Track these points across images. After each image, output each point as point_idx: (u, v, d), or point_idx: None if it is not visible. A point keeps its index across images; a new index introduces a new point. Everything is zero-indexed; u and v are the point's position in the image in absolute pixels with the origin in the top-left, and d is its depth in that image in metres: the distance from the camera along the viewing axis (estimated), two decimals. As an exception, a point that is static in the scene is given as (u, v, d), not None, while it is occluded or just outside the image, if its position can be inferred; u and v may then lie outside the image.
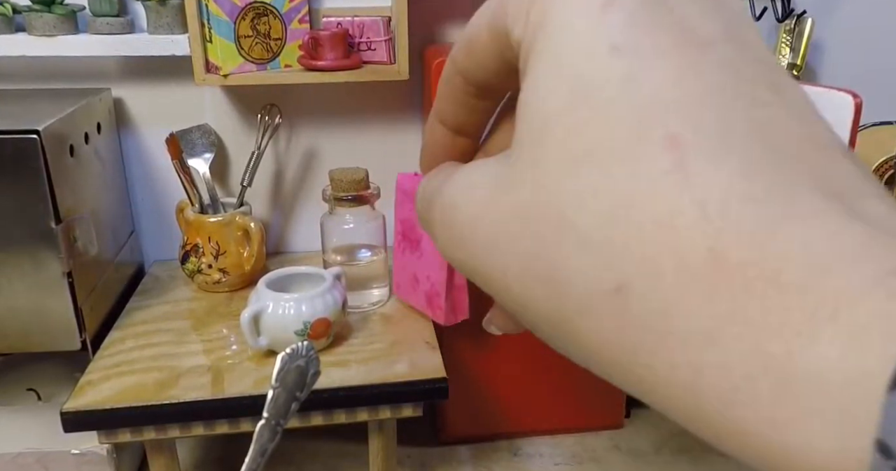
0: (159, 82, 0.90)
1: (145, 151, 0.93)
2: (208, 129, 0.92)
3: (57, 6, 0.80)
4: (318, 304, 0.71)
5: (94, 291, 0.77)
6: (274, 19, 0.84)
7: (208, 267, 0.85)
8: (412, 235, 0.79)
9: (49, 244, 0.69)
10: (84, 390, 0.68)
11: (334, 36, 0.82)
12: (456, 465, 0.88)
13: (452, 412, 0.90)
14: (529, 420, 0.93)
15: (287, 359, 0.38)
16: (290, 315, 0.70)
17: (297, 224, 1.00)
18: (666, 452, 0.92)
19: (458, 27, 0.93)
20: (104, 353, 0.74)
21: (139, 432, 0.68)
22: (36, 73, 0.88)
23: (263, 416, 0.37)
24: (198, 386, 0.68)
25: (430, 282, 0.78)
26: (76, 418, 0.65)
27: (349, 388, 0.69)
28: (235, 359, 0.73)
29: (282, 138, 0.95)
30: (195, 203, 0.86)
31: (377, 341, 0.77)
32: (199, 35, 0.79)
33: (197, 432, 0.69)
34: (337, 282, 0.75)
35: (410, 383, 0.70)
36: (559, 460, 0.90)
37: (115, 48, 0.82)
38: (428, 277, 0.78)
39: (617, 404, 0.95)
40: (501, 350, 0.89)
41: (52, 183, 0.68)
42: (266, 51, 0.84)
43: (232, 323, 0.81)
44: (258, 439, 0.36)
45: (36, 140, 0.66)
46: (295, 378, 0.37)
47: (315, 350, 0.39)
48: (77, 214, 0.73)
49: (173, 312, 0.83)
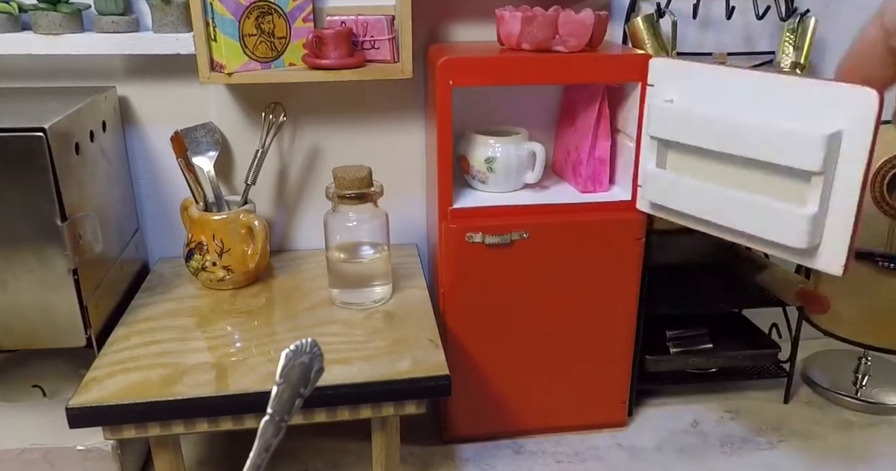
0: (164, 80, 0.91)
1: (150, 149, 0.94)
2: (213, 127, 0.92)
3: (62, 5, 0.80)
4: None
5: (100, 288, 0.78)
6: (278, 18, 0.84)
7: (212, 264, 0.85)
8: (571, 113, 0.90)
9: (55, 241, 0.69)
10: (89, 386, 0.68)
11: (338, 34, 0.82)
12: (459, 463, 0.89)
13: (456, 411, 0.90)
14: (532, 418, 0.94)
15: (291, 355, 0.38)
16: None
17: (301, 222, 1.00)
18: (667, 450, 0.92)
19: (461, 26, 0.93)
20: (109, 349, 0.74)
21: (144, 428, 0.68)
22: (41, 72, 0.88)
23: (267, 412, 0.37)
24: (202, 383, 0.69)
25: (577, 152, 0.88)
26: (81, 414, 0.66)
27: (352, 385, 0.69)
28: (239, 356, 0.74)
29: (286, 136, 0.95)
30: (199, 201, 0.87)
31: (380, 339, 0.77)
32: (203, 34, 0.79)
33: (201, 429, 0.69)
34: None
35: (413, 380, 0.70)
36: (561, 458, 0.91)
37: (120, 46, 0.82)
38: (576, 148, 0.89)
39: (619, 403, 0.95)
40: (505, 349, 0.89)
41: (57, 181, 0.68)
42: (270, 49, 0.84)
43: (236, 320, 0.81)
44: (262, 435, 0.37)
45: (42, 138, 0.66)
46: (299, 374, 0.38)
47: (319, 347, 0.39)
48: (83, 211, 0.74)
49: (178, 309, 0.83)
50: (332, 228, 0.82)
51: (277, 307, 0.84)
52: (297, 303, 0.85)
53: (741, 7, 0.91)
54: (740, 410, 1.00)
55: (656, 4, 0.91)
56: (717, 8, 0.94)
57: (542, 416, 0.94)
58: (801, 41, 0.90)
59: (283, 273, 0.93)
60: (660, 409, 1.01)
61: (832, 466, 0.90)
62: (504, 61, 0.79)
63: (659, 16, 0.90)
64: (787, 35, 0.91)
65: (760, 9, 0.89)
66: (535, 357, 0.90)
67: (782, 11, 0.91)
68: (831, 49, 0.99)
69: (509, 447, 0.92)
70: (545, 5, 0.80)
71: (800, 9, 0.92)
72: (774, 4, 0.91)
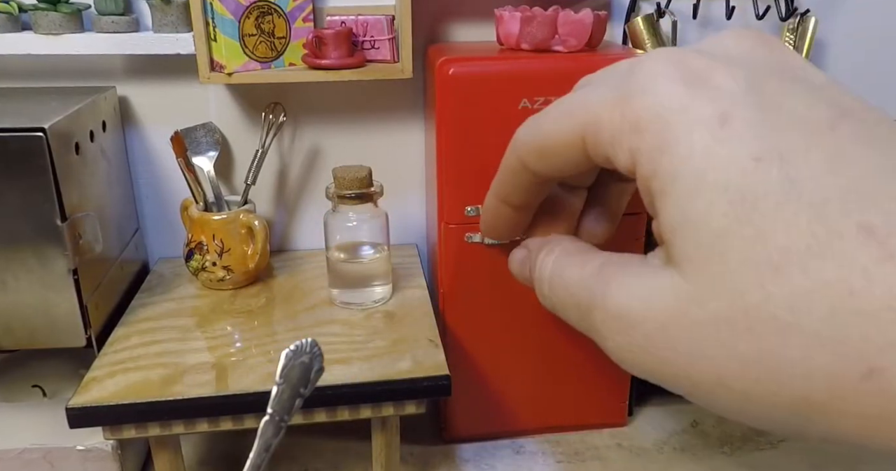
0: (164, 80, 0.91)
1: (150, 149, 0.94)
2: (213, 127, 0.93)
3: (62, 5, 0.81)
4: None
5: (100, 289, 0.78)
6: (278, 18, 0.84)
7: (212, 264, 0.85)
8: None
9: (54, 242, 0.69)
10: (89, 386, 0.68)
11: (338, 34, 0.82)
12: (459, 463, 0.89)
13: (456, 411, 0.90)
14: (532, 419, 0.94)
15: (291, 355, 0.38)
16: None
17: (301, 222, 1.00)
18: (668, 450, 0.92)
19: (461, 26, 0.93)
20: (109, 349, 0.74)
21: (144, 428, 0.68)
22: (41, 72, 0.88)
23: (267, 412, 0.37)
24: (202, 383, 0.69)
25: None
26: (81, 414, 0.66)
27: (352, 385, 0.69)
28: (239, 356, 0.74)
29: (286, 136, 0.95)
30: (199, 201, 0.87)
31: (380, 339, 0.77)
32: (203, 34, 0.79)
33: (201, 429, 0.69)
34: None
35: (413, 380, 0.71)
36: (561, 458, 0.91)
37: (120, 46, 0.82)
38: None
39: (619, 403, 0.95)
40: (505, 349, 0.89)
41: (57, 181, 0.68)
42: (270, 49, 0.84)
43: (236, 320, 0.81)
44: (262, 435, 0.37)
45: (42, 138, 0.66)
46: (299, 374, 0.38)
47: (319, 347, 0.39)
48: (82, 211, 0.74)
49: (178, 310, 0.83)
50: (332, 228, 0.82)
51: (277, 307, 0.84)
52: (297, 303, 0.85)
53: (741, 7, 0.91)
54: (740, 410, 1.00)
55: (656, 4, 0.91)
56: (717, 8, 0.94)
57: (542, 416, 0.94)
58: (800, 42, 0.90)
59: (283, 273, 0.93)
60: (660, 409, 1.01)
61: (833, 466, 0.90)
62: (503, 61, 0.79)
63: (659, 16, 0.90)
64: (786, 35, 0.91)
65: (760, 9, 0.89)
66: (535, 357, 0.90)
67: (782, 11, 0.91)
68: (831, 49, 0.99)
69: (509, 447, 0.92)
70: (544, 5, 0.80)
71: (800, 9, 0.92)
72: (774, 4, 0.91)
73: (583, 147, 0.22)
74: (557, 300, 0.26)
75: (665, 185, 0.20)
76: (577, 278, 0.25)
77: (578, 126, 0.22)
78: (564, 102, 0.23)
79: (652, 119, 0.19)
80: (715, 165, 0.18)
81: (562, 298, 0.25)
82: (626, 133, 0.20)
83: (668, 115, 0.19)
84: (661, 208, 0.20)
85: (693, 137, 0.19)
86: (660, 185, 0.20)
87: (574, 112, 0.22)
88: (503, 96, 0.74)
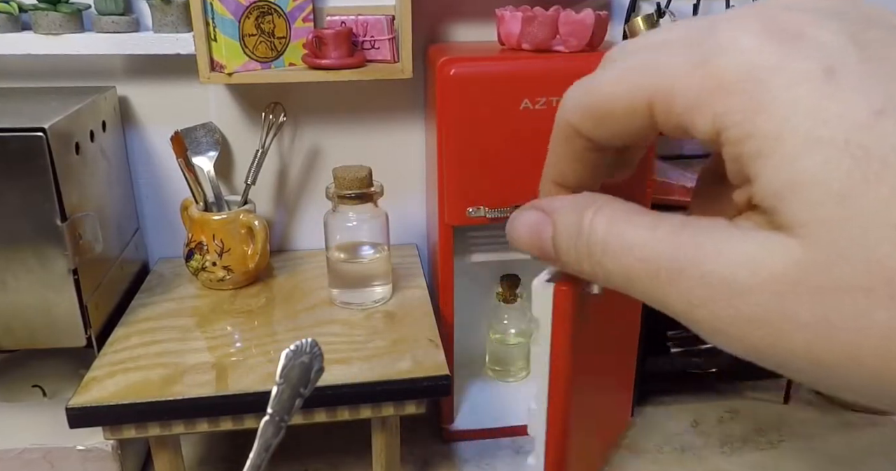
0: (164, 80, 0.91)
1: (150, 149, 0.94)
2: (213, 127, 0.92)
3: (62, 5, 0.80)
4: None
5: (100, 288, 0.78)
6: (278, 18, 0.84)
7: (212, 264, 0.85)
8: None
9: (55, 241, 0.69)
10: (89, 386, 0.68)
11: (338, 34, 0.82)
12: (459, 462, 0.89)
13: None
14: (532, 418, 0.94)
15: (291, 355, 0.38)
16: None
17: (301, 222, 1.00)
18: (667, 450, 0.92)
19: (461, 26, 0.93)
20: (109, 349, 0.74)
21: (144, 428, 0.68)
22: (41, 72, 0.88)
23: (267, 412, 0.37)
24: (202, 383, 0.69)
25: None
26: (81, 414, 0.66)
27: (352, 385, 0.69)
28: (239, 356, 0.74)
29: (286, 136, 0.95)
30: (200, 201, 0.87)
31: (380, 339, 0.77)
32: (203, 34, 0.79)
33: (201, 429, 0.69)
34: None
35: (413, 379, 0.70)
36: (561, 458, 0.90)
37: (120, 46, 0.82)
38: None
39: (622, 403, 0.95)
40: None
41: (57, 181, 0.68)
42: (270, 49, 0.84)
43: (236, 320, 0.81)
44: (262, 435, 0.37)
45: (42, 138, 0.66)
46: (299, 374, 0.38)
47: (319, 347, 0.39)
48: (82, 211, 0.74)
49: (178, 310, 0.83)
50: (332, 228, 0.82)
51: (277, 307, 0.84)
52: (297, 303, 0.85)
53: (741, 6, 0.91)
54: (740, 410, 1.00)
55: (656, 4, 0.91)
56: (718, 8, 0.94)
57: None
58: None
59: (283, 273, 0.93)
60: (660, 409, 1.00)
61: (833, 466, 0.90)
62: (504, 61, 0.79)
63: (659, 16, 0.90)
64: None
65: (760, 9, 0.89)
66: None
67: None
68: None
69: (509, 447, 0.92)
70: (545, 5, 0.80)
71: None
72: (774, 4, 0.91)
73: (649, 114, 0.20)
74: (617, 267, 0.22)
75: (764, 146, 0.18)
76: (647, 241, 0.21)
77: (645, 92, 0.20)
78: (627, 61, 0.21)
79: (743, 79, 0.18)
80: (827, 121, 0.17)
81: (625, 265, 0.21)
82: (710, 97, 0.18)
83: (761, 73, 0.18)
84: (761, 171, 0.18)
85: (798, 93, 0.17)
86: (757, 146, 0.18)
87: (639, 77, 0.20)
88: (505, 97, 0.74)
